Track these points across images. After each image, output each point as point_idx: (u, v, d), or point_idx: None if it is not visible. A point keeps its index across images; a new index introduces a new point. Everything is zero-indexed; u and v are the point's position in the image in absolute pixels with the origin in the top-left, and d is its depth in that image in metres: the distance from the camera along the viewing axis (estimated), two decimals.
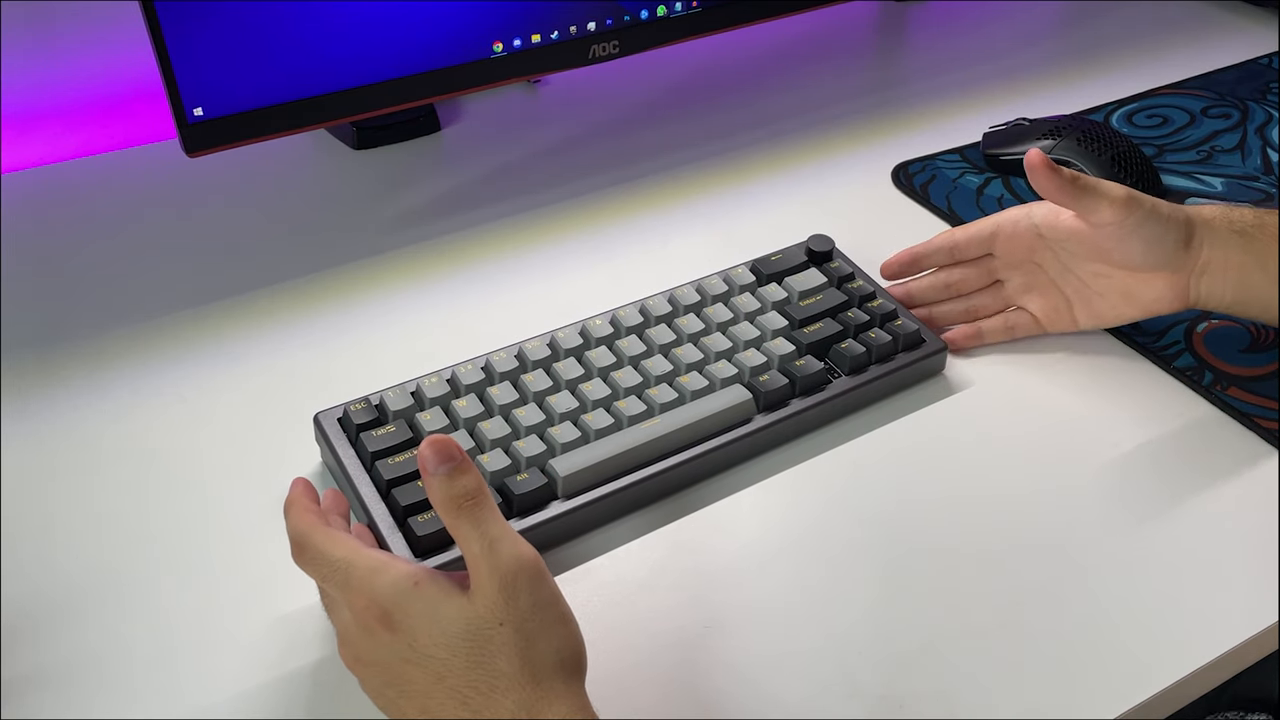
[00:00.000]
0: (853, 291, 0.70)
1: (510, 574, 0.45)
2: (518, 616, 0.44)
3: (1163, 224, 0.65)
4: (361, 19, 0.72)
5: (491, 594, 0.44)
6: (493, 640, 0.44)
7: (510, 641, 0.44)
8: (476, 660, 0.44)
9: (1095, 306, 0.69)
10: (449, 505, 0.46)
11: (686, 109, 0.95)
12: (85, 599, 0.55)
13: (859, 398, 0.66)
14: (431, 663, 0.44)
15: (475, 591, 0.45)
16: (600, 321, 0.66)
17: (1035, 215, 0.69)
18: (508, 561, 0.45)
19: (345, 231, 0.80)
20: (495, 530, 0.45)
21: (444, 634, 0.44)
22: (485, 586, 0.45)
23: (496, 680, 0.44)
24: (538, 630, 0.44)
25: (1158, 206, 0.65)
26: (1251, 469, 0.63)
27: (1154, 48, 1.05)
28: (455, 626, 0.44)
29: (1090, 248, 0.67)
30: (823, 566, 0.58)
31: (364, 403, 0.61)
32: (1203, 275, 0.66)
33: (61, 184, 0.84)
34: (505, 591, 0.44)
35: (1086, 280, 0.69)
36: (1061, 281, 0.69)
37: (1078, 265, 0.69)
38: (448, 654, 0.44)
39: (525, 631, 0.44)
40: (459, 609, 0.45)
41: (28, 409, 0.65)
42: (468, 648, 0.44)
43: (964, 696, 0.52)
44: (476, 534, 0.45)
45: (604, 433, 0.60)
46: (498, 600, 0.44)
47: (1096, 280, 0.68)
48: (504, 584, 0.44)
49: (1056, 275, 0.69)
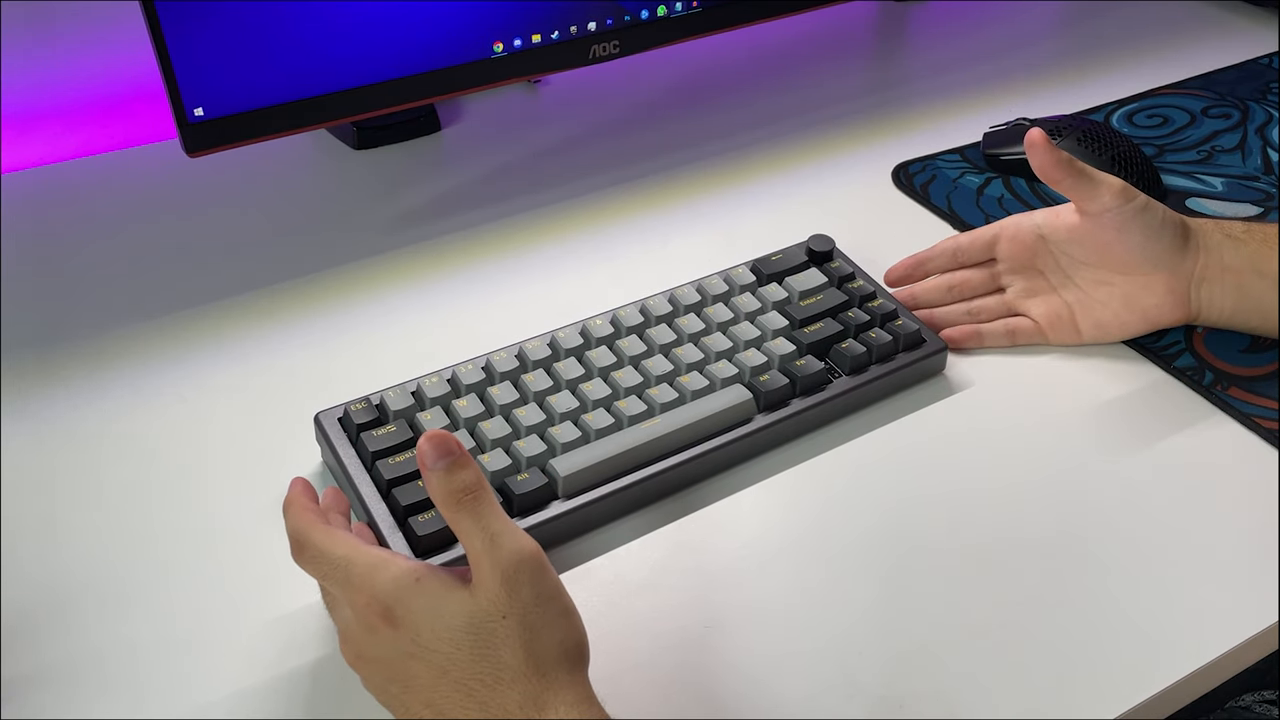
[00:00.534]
0: (853, 291, 0.70)
1: (512, 567, 0.45)
2: (521, 609, 0.44)
3: (1159, 218, 0.66)
4: (361, 19, 0.71)
5: (494, 587, 0.44)
6: (496, 633, 0.44)
7: (514, 634, 0.44)
8: (480, 653, 0.44)
9: (1098, 315, 0.69)
10: (449, 500, 0.46)
11: (686, 109, 0.95)
12: (85, 599, 0.55)
13: (859, 398, 0.66)
14: (435, 657, 0.44)
15: (477, 585, 0.45)
16: (601, 321, 0.66)
17: (1036, 218, 0.70)
18: (509, 554, 0.45)
19: (345, 231, 0.80)
20: (496, 524, 0.45)
21: (447, 628, 0.44)
22: (487, 580, 0.45)
23: (501, 672, 0.44)
24: (541, 622, 0.45)
25: (1152, 202, 0.66)
26: (1251, 469, 0.63)
27: (1154, 48, 1.05)
28: (458, 620, 0.44)
29: (1090, 247, 0.67)
30: (823, 566, 0.58)
31: (364, 402, 0.61)
32: (1201, 283, 0.67)
33: (61, 184, 0.84)
34: (508, 584, 0.44)
35: (1088, 288, 0.69)
36: (1063, 288, 0.70)
37: (1079, 271, 0.69)
38: (451, 648, 0.44)
39: (528, 623, 0.44)
40: (461, 603, 0.45)
41: (28, 409, 0.65)
42: (471, 641, 0.44)
43: (964, 696, 0.52)
44: (477, 528, 0.45)
45: (604, 432, 0.60)
46: (500, 593, 0.44)
47: (1098, 288, 0.68)
48: (506, 577, 0.44)
49: (1058, 282, 0.70)
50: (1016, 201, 0.83)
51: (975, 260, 0.72)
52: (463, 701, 0.44)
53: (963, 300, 0.72)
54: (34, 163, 0.87)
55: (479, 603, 0.44)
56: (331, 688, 0.52)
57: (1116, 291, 0.68)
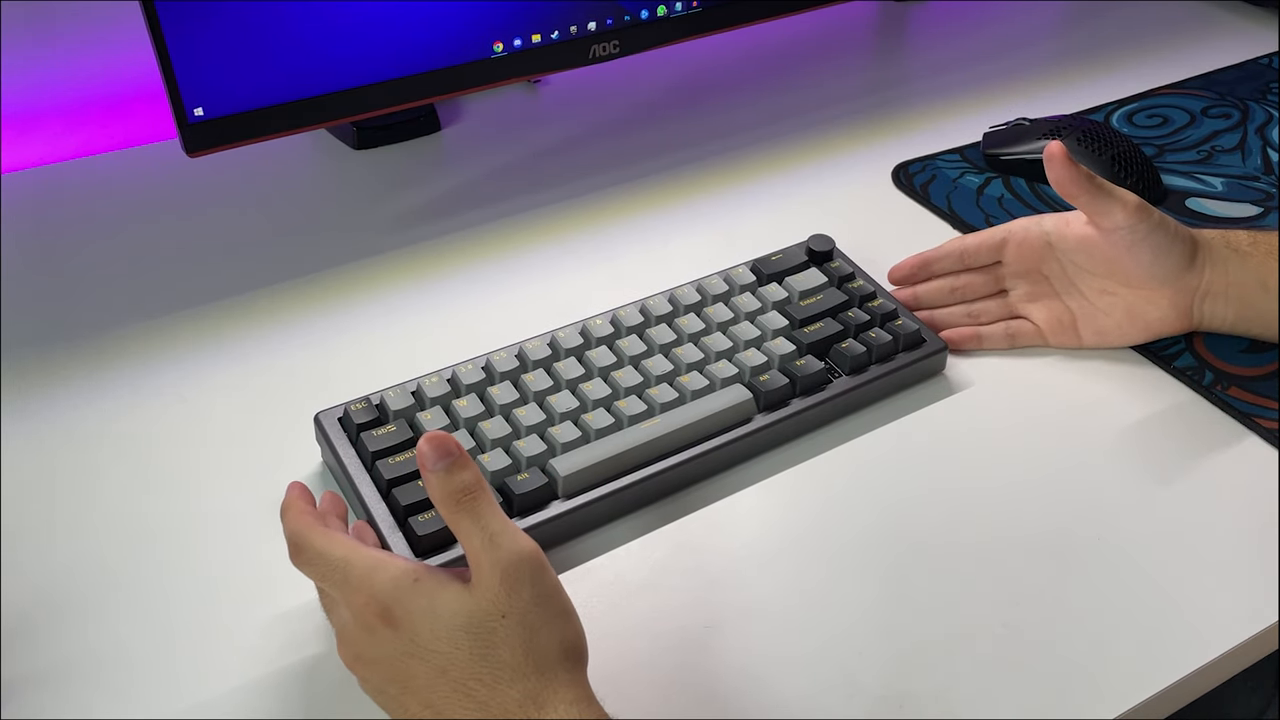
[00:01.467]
0: (853, 291, 0.70)
1: (512, 566, 0.45)
2: (520, 608, 0.44)
3: (1170, 236, 0.65)
4: (361, 19, 0.71)
5: (493, 586, 0.44)
6: (495, 632, 0.44)
7: (513, 633, 0.44)
8: (480, 653, 0.44)
9: (1100, 324, 0.69)
10: (448, 500, 0.46)
11: (686, 109, 0.95)
12: (85, 599, 0.55)
13: (859, 397, 0.66)
14: (434, 657, 0.44)
15: (476, 584, 0.45)
16: (600, 321, 0.66)
17: (1046, 224, 0.69)
18: (509, 554, 0.45)
19: (345, 231, 0.80)
20: (495, 524, 0.45)
21: (446, 628, 0.44)
22: (487, 579, 0.45)
23: (500, 672, 0.44)
24: (540, 621, 0.45)
25: (1166, 220, 0.66)
26: (1251, 469, 0.63)
27: (1154, 48, 1.05)
28: (457, 620, 0.44)
29: (1098, 259, 0.67)
30: (823, 566, 0.58)
31: (364, 402, 0.61)
32: (1205, 297, 0.67)
33: (61, 184, 0.84)
34: (507, 584, 0.44)
35: (1092, 297, 0.69)
36: (1066, 295, 0.69)
37: (1084, 280, 0.69)
38: (450, 647, 0.44)
39: (528, 623, 0.44)
40: (460, 603, 0.45)
41: (28, 409, 0.65)
42: (470, 640, 0.44)
43: (964, 696, 0.52)
44: (477, 528, 0.45)
45: (604, 432, 0.60)
46: (499, 593, 0.44)
47: (1102, 298, 0.68)
48: (505, 576, 0.44)
49: (1062, 288, 0.70)
50: (1016, 201, 0.83)
51: (982, 263, 0.72)
52: (461, 701, 0.44)
53: (964, 302, 0.72)
54: (34, 163, 0.88)
55: (478, 602, 0.44)
56: (330, 687, 0.52)
57: (1120, 302, 0.68)
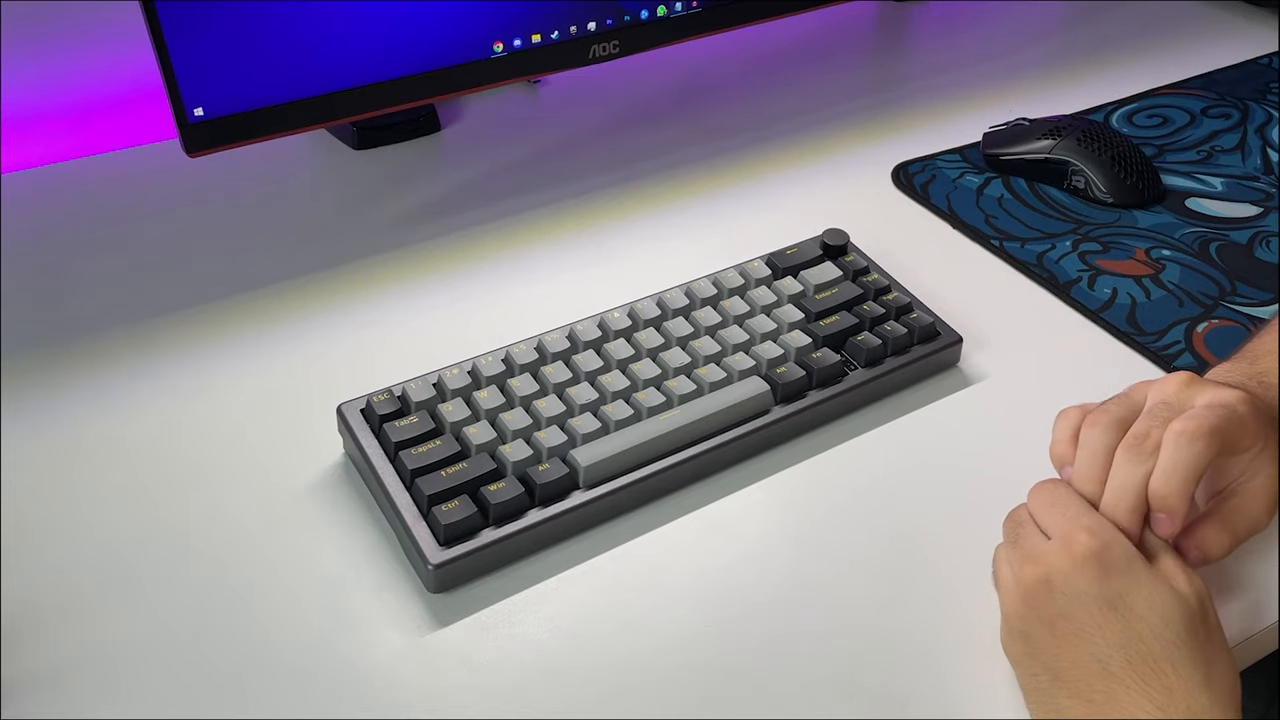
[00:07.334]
0: (868, 285, 0.70)
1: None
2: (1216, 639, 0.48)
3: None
4: (361, 19, 0.71)
5: (1208, 608, 0.48)
6: (1197, 634, 0.47)
7: (1209, 645, 0.47)
8: (1178, 642, 0.46)
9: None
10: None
11: (686, 109, 0.95)
12: (85, 599, 0.55)
13: (875, 389, 0.66)
14: (1134, 621, 0.47)
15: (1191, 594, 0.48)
16: (618, 314, 0.67)
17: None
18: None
19: (345, 231, 0.80)
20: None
21: (1163, 604, 0.47)
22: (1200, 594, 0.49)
23: (1192, 674, 0.46)
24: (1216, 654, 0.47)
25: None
26: None
27: (1154, 48, 1.05)
28: (1174, 611, 0.47)
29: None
30: (839, 557, 0.58)
31: (387, 394, 0.61)
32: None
33: (61, 184, 0.84)
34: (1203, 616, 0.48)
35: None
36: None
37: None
38: (1162, 624, 0.47)
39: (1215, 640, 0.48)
40: (1182, 599, 0.48)
41: (28, 409, 0.65)
42: (1174, 631, 0.46)
43: (964, 696, 0.52)
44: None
45: (624, 424, 0.61)
46: (1212, 614, 0.48)
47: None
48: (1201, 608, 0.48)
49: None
50: (1016, 201, 0.83)
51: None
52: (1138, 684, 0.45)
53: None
54: (34, 163, 0.87)
55: (1191, 606, 0.47)
56: (337, 684, 0.52)
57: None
